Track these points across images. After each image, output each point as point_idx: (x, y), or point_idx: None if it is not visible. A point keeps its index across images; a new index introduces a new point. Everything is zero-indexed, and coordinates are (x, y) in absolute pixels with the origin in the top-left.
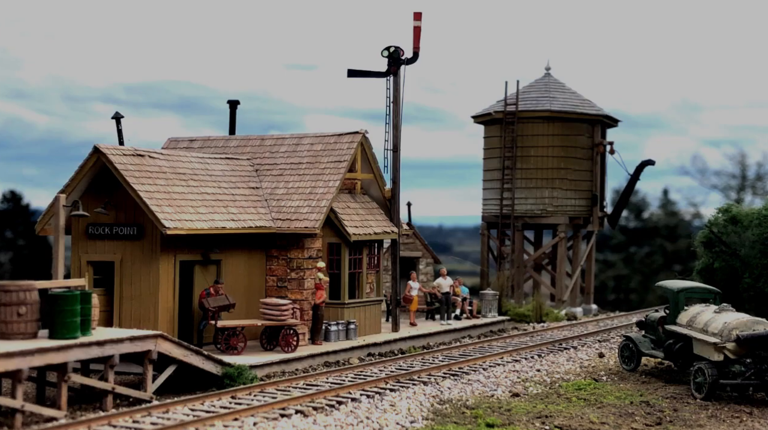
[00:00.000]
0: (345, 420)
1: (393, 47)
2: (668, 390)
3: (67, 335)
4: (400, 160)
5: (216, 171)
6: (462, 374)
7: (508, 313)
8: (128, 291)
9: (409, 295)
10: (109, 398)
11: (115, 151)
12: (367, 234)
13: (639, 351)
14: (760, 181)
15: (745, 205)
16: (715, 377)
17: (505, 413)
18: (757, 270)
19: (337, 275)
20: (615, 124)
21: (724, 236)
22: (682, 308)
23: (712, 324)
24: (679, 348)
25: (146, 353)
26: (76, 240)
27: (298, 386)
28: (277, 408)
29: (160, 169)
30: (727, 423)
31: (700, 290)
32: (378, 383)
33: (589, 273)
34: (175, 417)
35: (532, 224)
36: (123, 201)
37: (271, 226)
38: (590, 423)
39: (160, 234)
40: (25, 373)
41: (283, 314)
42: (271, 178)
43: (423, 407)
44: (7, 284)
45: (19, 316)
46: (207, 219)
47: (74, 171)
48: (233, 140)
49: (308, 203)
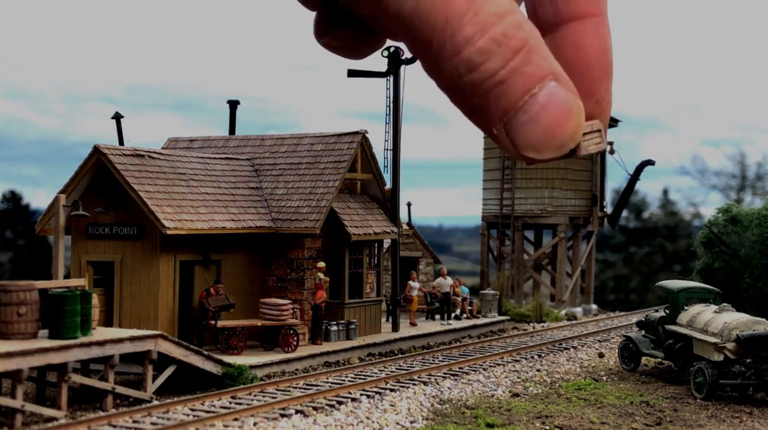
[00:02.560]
0: (345, 420)
1: (393, 47)
2: (668, 390)
3: (67, 335)
4: (400, 160)
5: (216, 171)
6: (462, 374)
7: (508, 313)
8: (128, 291)
9: (409, 295)
10: (109, 398)
11: (115, 151)
12: (367, 234)
13: (639, 351)
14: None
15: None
16: (715, 377)
17: (505, 413)
18: (757, 270)
19: (338, 275)
20: (615, 125)
21: (724, 236)
22: (682, 308)
23: (712, 324)
24: (679, 348)
25: (146, 353)
26: (76, 240)
27: (298, 386)
28: (277, 408)
29: (160, 169)
30: (727, 423)
31: (700, 290)
32: (378, 383)
33: (589, 273)
34: (175, 417)
35: (532, 224)
36: (123, 201)
37: (271, 226)
38: (590, 423)
39: (160, 234)
40: (25, 373)
41: (283, 314)
42: (271, 179)
43: (423, 407)
44: (7, 284)
45: (19, 316)
46: (207, 219)
47: (74, 171)
48: (233, 140)
49: (308, 203)
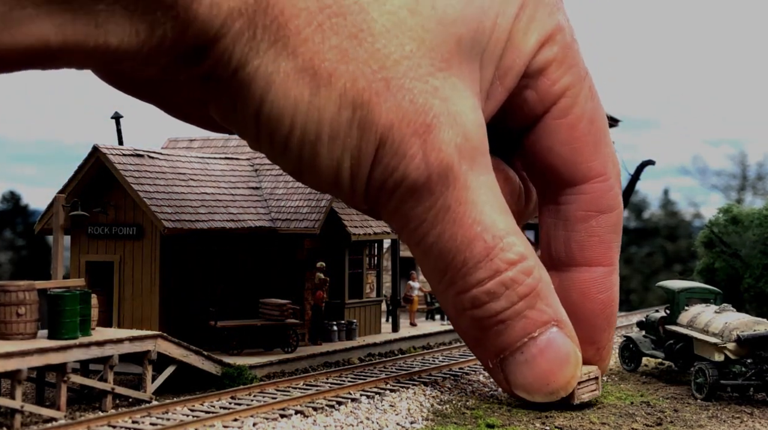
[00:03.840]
0: (345, 421)
1: None
2: (669, 391)
3: (67, 336)
4: None
5: (215, 171)
6: (462, 375)
7: None
8: (128, 291)
9: (409, 295)
10: (108, 398)
11: (115, 151)
12: (367, 234)
13: (639, 351)
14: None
15: (746, 205)
16: (716, 378)
17: (505, 414)
18: (757, 270)
19: (338, 275)
20: (615, 124)
21: (725, 236)
22: (683, 308)
23: (712, 324)
24: (680, 348)
25: (146, 353)
26: (76, 240)
27: (298, 386)
28: (276, 408)
29: (159, 169)
30: (728, 424)
31: (701, 290)
32: (378, 383)
33: None
34: (174, 417)
35: (532, 224)
36: (122, 201)
37: (270, 226)
38: (590, 423)
39: (159, 234)
40: (24, 373)
41: (283, 314)
42: (271, 178)
43: (423, 408)
44: (7, 284)
45: (18, 316)
46: (206, 219)
47: (73, 171)
48: (233, 140)
49: (308, 203)
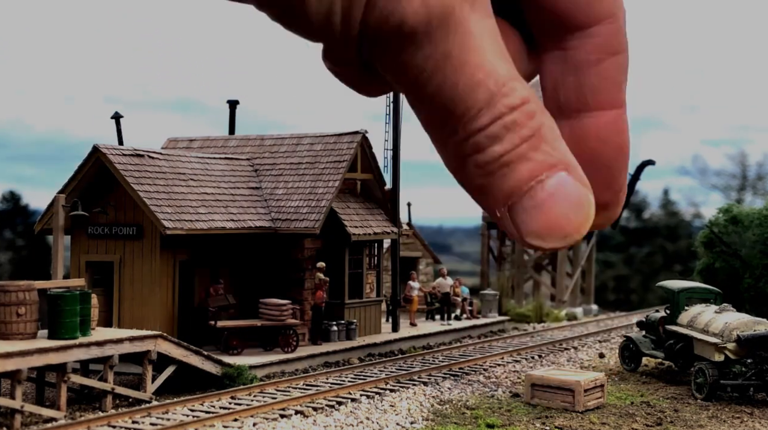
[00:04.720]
0: (345, 421)
1: None
2: (669, 391)
3: (67, 336)
4: (400, 160)
5: (216, 171)
6: (462, 375)
7: (509, 313)
8: (128, 291)
9: (409, 295)
10: (108, 398)
11: (115, 151)
12: (367, 234)
13: (639, 351)
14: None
15: (746, 205)
16: (716, 378)
17: (505, 414)
18: (757, 270)
19: (338, 275)
20: None
21: (725, 236)
22: (683, 309)
23: (712, 324)
24: (680, 348)
25: (146, 353)
26: (76, 240)
27: (298, 386)
28: (276, 409)
29: (159, 169)
30: (728, 424)
31: (701, 290)
32: (378, 383)
33: (590, 273)
34: (174, 417)
35: None
36: (122, 201)
37: (270, 226)
38: (590, 423)
39: (159, 234)
40: (24, 373)
41: (283, 314)
42: (271, 179)
43: (423, 408)
44: (7, 284)
45: (18, 316)
46: (206, 219)
47: (74, 171)
48: (233, 140)
49: (308, 203)
